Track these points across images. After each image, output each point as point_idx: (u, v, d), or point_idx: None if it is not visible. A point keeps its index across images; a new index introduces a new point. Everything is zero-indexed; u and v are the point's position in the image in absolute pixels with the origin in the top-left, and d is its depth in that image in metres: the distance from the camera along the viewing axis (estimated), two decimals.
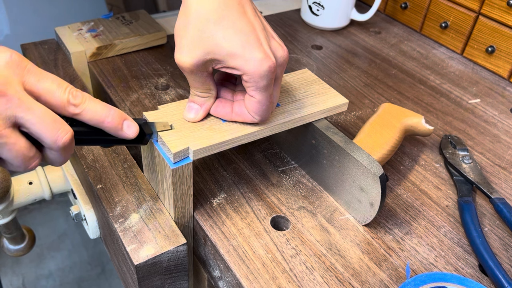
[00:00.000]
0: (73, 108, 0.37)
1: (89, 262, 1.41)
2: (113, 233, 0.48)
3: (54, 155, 0.37)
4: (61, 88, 0.36)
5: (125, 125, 0.40)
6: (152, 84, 0.67)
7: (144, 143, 0.43)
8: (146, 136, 0.43)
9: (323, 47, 0.82)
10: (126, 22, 0.77)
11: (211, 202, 0.51)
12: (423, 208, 0.52)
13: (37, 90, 0.36)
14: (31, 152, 0.36)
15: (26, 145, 0.35)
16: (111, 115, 0.38)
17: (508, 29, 0.73)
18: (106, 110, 0.38)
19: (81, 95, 0.37)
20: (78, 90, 0.37)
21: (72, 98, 0.37)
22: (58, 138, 0.35)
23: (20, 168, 0.36)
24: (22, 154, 0.35)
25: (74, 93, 0.37)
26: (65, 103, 0.36)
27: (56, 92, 0.36)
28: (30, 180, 0.63)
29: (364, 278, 0.44)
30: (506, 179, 0.57)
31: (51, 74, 0.37)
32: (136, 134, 0.40)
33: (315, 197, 0.52)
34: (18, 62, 0.35)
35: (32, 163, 0.36)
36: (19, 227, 0.70)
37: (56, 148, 0.36)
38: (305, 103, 0.50)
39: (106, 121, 0.38)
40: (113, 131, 0.39)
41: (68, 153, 0.37)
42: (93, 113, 0.38)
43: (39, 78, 0.36)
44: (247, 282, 0.43)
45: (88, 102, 0.37)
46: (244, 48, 0.40)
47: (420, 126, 0.57)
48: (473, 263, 0.47)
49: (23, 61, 0.36)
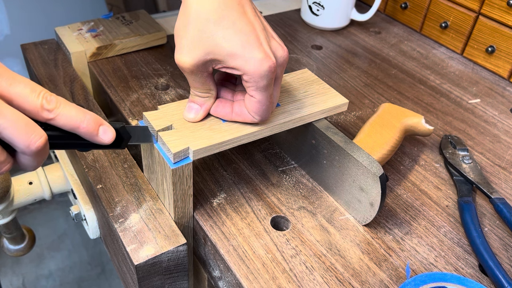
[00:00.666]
0: (47, 113, 0.36)
1: (89, 262, 1.41)
2: (113, 233, 0.48)
3: (27, 160, 0.36)
4: (34, 93, 0.35)
5: (101, 130, 0.39)
6: (152, 84, 0.67)
7: (122, 147, 0.42)
8: (123, 141, 0.42)
9: (323, 47, 0.82)
10: (126, 22, 0.77)
11: (211, 202, 0.51)
12: (423, 208, 0.52)
13: (9, 94, 0.35)
14: (2, 157, 0.35)
15: None
16: (86, 120, 0.37)
17: (508, 29, 0.73)
18: (81, 115, 0.37)
19: (55, 99, 0.36)
20: (52, 94, 0.37)
21: (46, 103, 0.36)
22: (31, 142, 0.34)
23: None
24: None
25: (48, 98, 0.36)
26: (39, 108, 0.35)
27: (29, 96, 0.35)
28: (30, 180, 0.63)
29: (364, 278, 0.44)
30: (506, 179, 0.57)
31: (25, 78, 0.36)
32: (112, 139, 0.39)
33: (315, 197, 0.52)
34: None
35: (2, 167, 0.35)
36: (19, 227, 0.70)
37: (29, 153, 0.35)
38: (305, 103, 0.50)
39: (81, 127, 0.37)
40: (88, 136, 0.38)
41: (42, 157, 0.36)
42: (68, 118, 0.37)
43: (11, 82, 0.35)
44: (247, 282, 0.43)
45: (63, 107, 0.37)
46: (244, 48, 0.40)
47: (420, 126, 0.57)
48: (473, 263, 0.47)
49: None
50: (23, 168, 0.37)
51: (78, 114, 0.37)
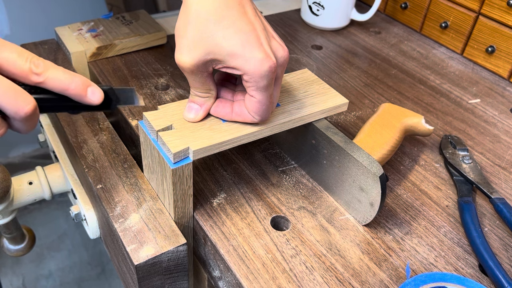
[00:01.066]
0: (36, 77, 0.37)
1: (89, 262, 1.41)
2: (113, 233, 0.48)
3: (19, 125, 0.38)
4: (22, 57, 0.37)
5: (90, 91, 0.40)
6: (152, 84, 0.67)
7: (112, 108, 0.43)
8: (112, 102, 0.43)
9: (323, 47, 0.82)
10: (126, 22, 0.77)
11: (211, 202, 0.51)
12: (423, 208, 0.52)
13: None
14: None
15: None
16: (75, 82, 0.39)
17: (508, 29, 0.73)
18: (70, 78, 0.38)
19: (43, 63, 0.38)
20: (40, 58, 0.38)
21: (34, 67, 0.37)
22: (20, 109, 0.36)
23: None
24: None
25: (36, 62, 0.37)
26: (27, 72, 0.37)
27: (17, 61, 0.36)
28: (30, 180, 0.63)
29: (364, 278, 0.44)
30: (506, 179, 0.57)
31: (12, 43, 0.37)
32: (100, 100, 0.41)
33: (315, 197, 0.52)
34: None
35: None
36: (19, 227, 0.70)
37: (19, 119, 0.37)
38: (305, 103, 0.50)
39: (70, 88, 0.39)
40: (77, 97, 0.39)
41: (32, 122, 0.38)
42: (57, 81, 0.38)
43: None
44: (247, 282, 0.43)
45: (51, 70, 0.38)
46: (245, 47, 0.40)
47: (420, 126, 0.57)
48: (473, 263, 0.47)
49: None
50: (16, 131, 0.39)
51: (66, 76, 0.38)
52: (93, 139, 0.57)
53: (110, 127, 0.60)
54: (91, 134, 0.58)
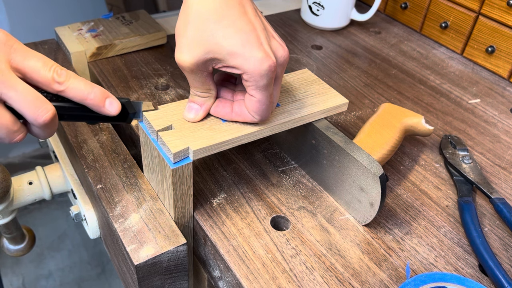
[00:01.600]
0: (58, 86, 0.39)
1: (89, 262, 1.41)
2: (113, 233, 0.48)
3: (37, 131, 0.40)
4: (46, 66, 0.39)
5: (107, 102, 0.42)
6: (152, 84, 0.67)
7: (128, 121, 0.45)
8: (129, 115, 0.45)
9: (323, 47, 0.82)
10: (126, 22, 0.77)
11: (211, 202, 0.51)
12: (423, 208, 0.52)
13: (23, 68, 0.38)
14: (16, 126, 0.38)
15: (11, 119, 0.38)
16: (94, 93, 0.40)
17: (508, 29, 0.73)
18: (89, 88, 0.40)
19: (66, 73, 0.40)
20: (63, 68, 0.40)
21: (56, 76, 0.39)
22: (39, 116, 0.38)
23: (5, 140, 0.39)
24: (6, 127, 0.38)
25: (59, 71, 0.39)
26: (50, 81, 0.39)
27: (42, 70, 0.38)
28: (30, 180, 0.63)
29: (364, 278, 0.44)
30: (506, 179, 0.57)
31: (37, 52, 0.39)
32: (117, 111, 0.42)
33: (315, 197, 0.52)
34: (5, 41, 0.38)
35: (16, 136, 0.39)
36: (19, 227, 0.70)
37: (38, 125, 0.38)
38: (305, 103, 0.50)
39: (89, 98, 0.40)
40: (95, 108, 0.41)
41: (51, 129, 0.40)
42: (77, 90, 0.40)
43: (25, 57, 0.38)
44: (247, 282, 0.43)
45: (72, 80, 0.40)
46: (244, 47, 0.40)
47: (420, 126, 0.57)
48: (473, 263, 0.47)
49: (10, 40, 0.38)
50: (36, 136, 0.41)
51: (86, 86, 0.40)
52: (93, 139, 0.57)
53: (110, 127, 0.60)
54: (91, 134, 0.58)
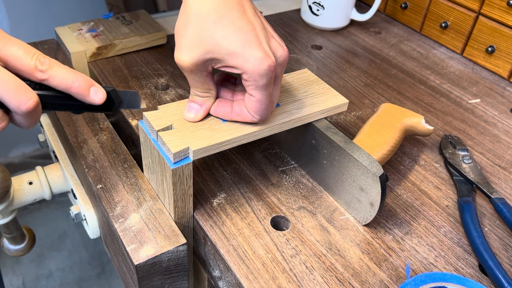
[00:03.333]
0: (40, 74, 0.38)
1: (89, 262, 1.41)
2: (113, 233, 0.48)
3: (20, 119, 0.39)
4: (28, 54, 0.38)
5: (92, 90, 0.41)
6: (152, 84, 0.67)
7: (113, 110, 0.44)
8: (115, 104, 0.43)
9: (323, 47, 0.82)
10: (126, 22, 0.77)
11: (211, 202, 0.51)
12: (423, 208, 0.52)
13: (4, 56, 0.37)
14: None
15: None
16: (78, 81, 0.39)
17: (508, 29, 0.73)
18: (73, 76, 0.39)
19: (49, 61, 0.38)
20: (46, 56, 0.39)
21: (39, 64, 0.38)
22: (22, 104, 0.37)
23: None
24: None
25: (42, 59, 0.38)
26: (33, 69, 0.38)
27: (23, 58, 0.37)
28: (30, 180, 0.63)
29: (364, 278, 0.44)
30: (506, 179, 0.57)
31: (19, 40, 0.38)
32: (102, 100, 0.41)
33: (315, 197, 0.52)
34: None
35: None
36: (19, 227, 0.70)
37: (21, 113, 0.37)
38: (305, 103, 0.50)
39: (73, 87, 0.39)
40: (80, 96, 0.40)
41: (34, 118, 0.39)
42: (61, 78, 0.39)
43: (5, 44, 0.37)
44: (247, 282, 0.43)
45: (56, 68, 0.39)
46: (244, 46, 0.40)
47: (420, 126, 0.57)
48: (473, 263, 0.47)
49: None
50: (18, 126, 0.40)
51: (70, 75, 0.39)
52: (93, 139, 0.57)
53: (110, 127, 0.60)
54: (91, 134, 0.58)
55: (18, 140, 1.51)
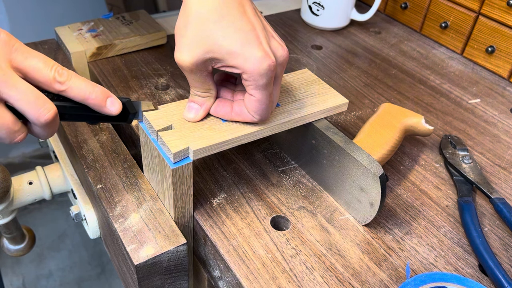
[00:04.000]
0: (59, 85, 0.39)
1: (89, 262, 1.41)
2: (113, 233, 0.48)
3: (39, 130, 0.40)
4: (47, 66, 0.38)
5: (109, 102, 0.42)
6: (152, 84, 0.67)
7: (128, 121, 0.45)
8: (130, 115, 0.45)
9: (323, 47, 0.82)
10: (126, 22, 0.77)
11: (211, 202, 0.51)
12: (423, 208, 0.52)
13: (24, 67, 0.38)
14: (16, 126, 0.38)
15: (11, 119, 0.38)
16: (95, 92, 0.40)
17: (508, 29, 0.73)
18: (91, 87, 0.40)
19: (67, 73, 0.39)
20: (64, 68, 0.39)
21: (58, 75, 0.39)
22: (41, 115, 0.37)
23: (6, 141, 0.39)
24: (7, 127, 0.37)
25: (60, 71, 0.39)
26: (51, 80, 0.38)
27: (43, 70, 0.38)
28: (30, 180, 0.63)
29: (364, 278, 0.44)
30: (506, 179, 0.57)
31: (38, 52, 0.39)
32: (119, 111, 0.42)
33: (315, 197, 0.52)
34: (6, 41, 0.38)
35: (17, 136, 0.39)
36: (19, 227, 0.70)
37: (39, 125, 0.38)
38: (305, 103, 0.50)
39: (90, 98, 0.40)
40: (97, 107, 0.41)
41: (52, 129, 0.40)
42: (78, 90, 0.40)
43: (26, 56, 0.38)
44: (247, 282, 0.43)
45: (74, 79, 0.40)
46: (244, 46, 0.40)
47: (420, 126, 0.57)
48: (473, 263, 0.47)
49: (11, 40, 0.38)
50: (36, 136, 0.41)
51: (88, 86, 0.40)
52: (93, 139, 0.57)
53: (110, 127, 0.60)
54: (91, 134, 0.58)
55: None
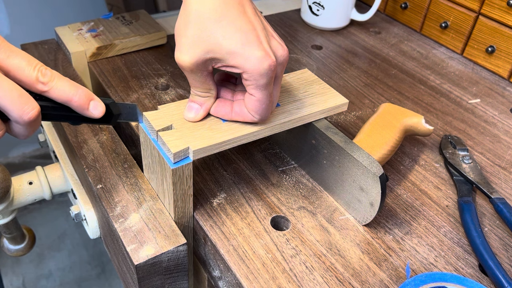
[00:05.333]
0: (42, 86, 0.38)
1: (89, 262, 1.41)
2: (113, 233, 0.48)
3: (20, 129, 0.39)
4: (30, 66, 0.38)
5: (92, 105, 0.41)
6: (152, 84, 0.67)
7: (111, 123, 0.44)
8: (113, 117, 0.44)
9: (323, 47, 0.82)
10: (126, 22, 0.77)
11: (211, 202, 0.51)
12: (423, 208, 0.52)
13: (6, 66, 0.37)
14: None
15: None
16: (78, 95, 0.40)
17: (508, 29, 0.73)
18: (74, 89, 0.39)
19: (50, 73, 0.39)
20: (47, 68, 0.39)
21: (41, 76, 0.38)
22: (24, 113, 0.37)
23: None
24: None
25: (43, 71, 0.38)
26: (34, 80, 0.38)
27: (26, 69, 0.37)
28: (30, 180, 0.63)
29: (364, 278, 0.44)
30: (506, 179, 0.57)
31: (23, 51, 0.38)
32: (101, 114, 0.42)
33: (315, 197, 0.52)
34: None
35: None
36: (19, 227, 0.70)
37: (22, 123, 0.37)
38: (305, 103, 0.50)
39: (74, 100, 0.40)
40: (80, 109, 0.41)
41: (34, 128, 0.39)
42: (61, 91, 0.39)
43: (9, 55, 0.37)
44: (247, 282, 0.43)
45: (57, 80, 0.39)
46: (244, 46, 0.40)
47: (420, 126, 0.57)
48: (473, 263, 0.47)
49: None
50: (14, 136, 0.40)
51: (71, 88, 0.39)
52: (93, 139, 0.57)
53: (110, 127, 0.60)
54: (91, 134, 0.58)
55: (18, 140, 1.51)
